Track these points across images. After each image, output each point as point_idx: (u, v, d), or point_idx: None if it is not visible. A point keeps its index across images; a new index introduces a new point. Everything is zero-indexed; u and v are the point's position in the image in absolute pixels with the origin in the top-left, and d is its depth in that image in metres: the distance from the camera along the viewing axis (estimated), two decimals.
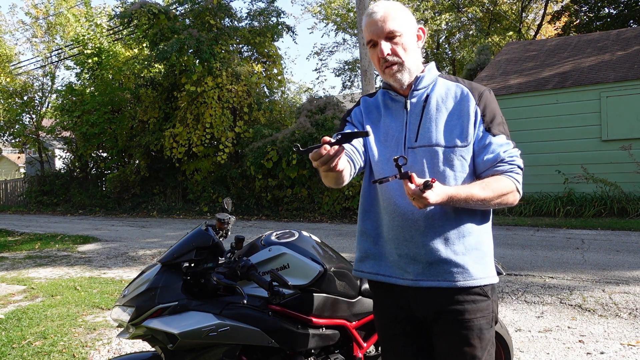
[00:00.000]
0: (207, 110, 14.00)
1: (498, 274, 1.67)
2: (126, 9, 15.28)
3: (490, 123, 1.57)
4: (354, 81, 24.87)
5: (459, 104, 1.59)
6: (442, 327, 1.56)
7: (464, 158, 1.56)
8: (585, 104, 9.95)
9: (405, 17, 1.59)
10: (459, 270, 1.53)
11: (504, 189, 1.51)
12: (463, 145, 1.55)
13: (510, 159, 1.54)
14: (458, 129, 1.56)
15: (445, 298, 1.54)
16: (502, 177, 1.53)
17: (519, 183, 1.55)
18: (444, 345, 1.57)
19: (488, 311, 1.55)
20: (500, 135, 1.56)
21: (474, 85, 1.64)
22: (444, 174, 1.55)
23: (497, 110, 1.61)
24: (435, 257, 1.53)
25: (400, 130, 1.62)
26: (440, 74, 1.68)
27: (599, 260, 5.74)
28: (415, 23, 1.64)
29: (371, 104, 1.74)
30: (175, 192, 15.93)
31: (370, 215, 1.68)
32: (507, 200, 1.53)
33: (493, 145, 1.54)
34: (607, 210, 9.19)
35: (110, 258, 7.57)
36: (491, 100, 1.61)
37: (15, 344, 3.79)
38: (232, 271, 1.83)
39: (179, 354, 1.82)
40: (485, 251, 1.59)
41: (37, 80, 21.69)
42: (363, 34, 1.62)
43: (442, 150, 1.55)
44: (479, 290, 1.55)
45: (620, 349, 3.28)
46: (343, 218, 11.36)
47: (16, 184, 23.65)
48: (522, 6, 21.03)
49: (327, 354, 2.06)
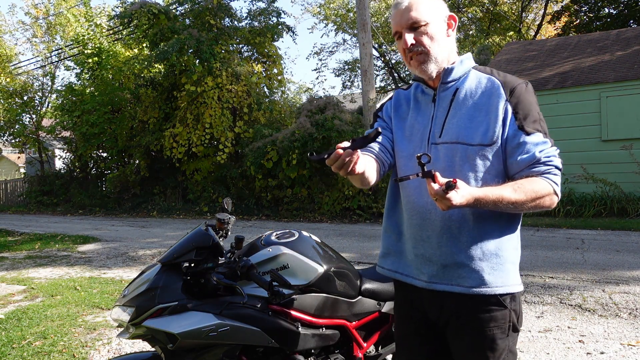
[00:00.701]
0: (207, 110, 14.00)
1: None
2: (126, 9, 15.28)
3: (524, 120, 1.45)
4: (354, 81, 24.88)
5: (488, 99, 1.48)
6: (453, 332, 1.53)
7: (488, 158, 1.46)
8: (585, 104, 9.95)
9: (431, 5, 1.50)
10: (474, 276, 1.46)
11: (539, 192, 1.40)
12: (487, 144, 1.46)
13: (547, 159, 1.43)
14: (484, 127, 1.47)
15: (457, 303, 1.49)
16: (537, 178, 1.42)
17: (557, 185, 1.43)
18: (456, 350, 1.54)
19: (504, 321, 1.47)
20: (536, 134, 1.44)
21: (509, 78, 1.51)
22: (464, 173, 1.47)
23: (533, 106, 1.47)
24: (449, 260, 1.49)
25: (426, 125, 1.56)
26: (475, 66, 1.58)
27: (599, 260, 5.74)
28: (445, 10, 1.54)
29: (403, 97, 1.69)
30: (175, 192, 15.93)
31: (394, 212, 1.66)
32: (543, 204, 1.42)
33: (527, 145, 1.43)
34: (607, 210, 9.19)
35: (110, 258, 7.57)
36: (526, 95, 1.47)
37: (15, 344, 3.79)
38: (232, 271, 1.83)
39: (179, 354, 1.82)
40: (507, 258, 1.49)
41: (37, 80, 21.72)
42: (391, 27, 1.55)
43: (464, 148, 1.47)
44: (493, 299, 1.47)
45: (620, 349, 3.28)
46: (343, 218, 11.36)
47: (16, 184, 23.64)
48: (522, 6, 21.03)
49: (327, 354, 2.06)
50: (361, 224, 10.47)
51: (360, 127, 11.74)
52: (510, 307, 1.48)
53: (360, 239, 8.33)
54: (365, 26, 11.93)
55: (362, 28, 11.99)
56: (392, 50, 22.26)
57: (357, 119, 12.13)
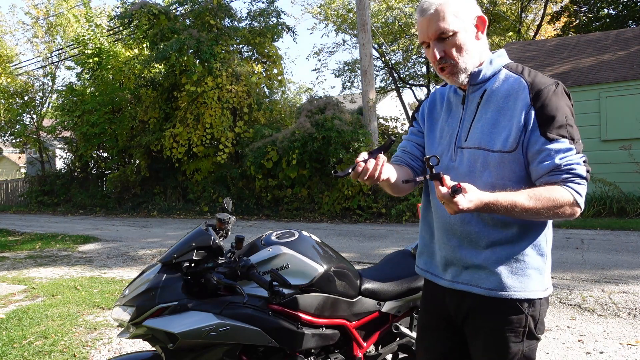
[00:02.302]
0: (207, 110, 14.01)
1: None
2: (126, 9, 15.29)
3: (547, 126, 1.37)
4: (353, 81, 24.86)
5: (514, 102, 1.42)
6: (471, 331, 1.55)
7: (509, 165, 1.42)
8: (585, 104, 9.96)
9: (456, 11, 1.41)
10: (492, 279, 1.46)
11: (557, 200, 1.34)
12: (507, 151, 1.41)
13: (568, 167, 1.36)
14: (506, 132, 1.42)
15: (475, 304, 1.51)
16: (556, 186, 1.36)
17: (579, 194, 1.36)
18: (473, 350, 1.57)
19: (519, 325, 1.45)
20: (560, 140, 1.36)
21: (538, 79, 1.43)
22: (485, 180, 1.44)
23: (560, 110, 1.38)
24: (469, 263, 1.50)
25: (454, 128, 1.54)
26: (507, 64, 1.51)
27: (598, 260, 5.75)
28: (474, 11, 1.45)
29: (438, 97, 1.67)
30: (176, 192, 15.94)
31: (427, 213, 1.69)
32: (563, 213, 1.36)
33: (549, 152, 1.37)
34: (606, 210, 9.20)
35: (110, 258, 7.58)
36: (552, 98, 1.39)
37: (16, 344, 3.80)
38: (232, 271, 1.84)
39: (179, 354, 1.83)
40: (529, 263, 1.46)
41: (38, 81, 21.71)
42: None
43: (485, 154, 1.44)
44: (510, 303, 1.45)
45: (620, 348, 3.28)
46: (343, 218, 11.36)
47: (17, 184, 23.65)
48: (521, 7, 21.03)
49: (327, 353, 2.07)
50: (361, 224, 10.47)
51: (360, 127, 11.74)
52: (528, 312, 1.46)
53: (360, 239, 8.34)
54: (365, 26, 11.94)
55: (362, 28, 12.00)
56: (392, 50, 22.27)
57: (357, 119, 12.13)
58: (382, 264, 2.39)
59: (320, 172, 11.95)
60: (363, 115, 12.42)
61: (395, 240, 7.74)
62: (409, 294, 2.19)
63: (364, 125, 11.94)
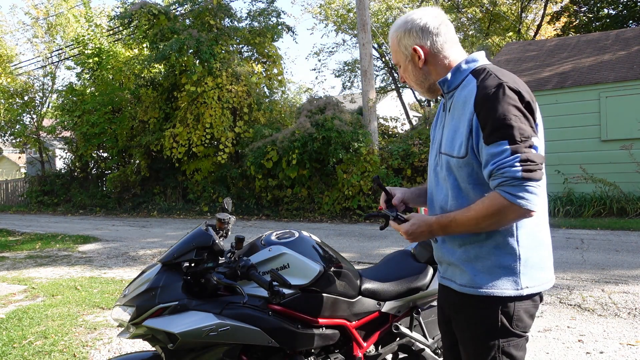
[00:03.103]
0: (207, 110, 14.00)
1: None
2: (126, 9, 15.29)
3: (486, 131, 1.39)
4: (353, 81, 24.87)
5: (467, 108, 1.46)
6: (455, 325, 1.64)
7: (464, 169, 1.48)
8: (585, 104, 9.96)
9: (397, 48, 1.61)
10: (464, 275, 1.55)
11: (489, 208, 1.37)
12: (461, 157, 1.47)
13: (500, 171, 1.35)
14: (460, 139, 1.48)
15: (455, 299, 1.60)
16: (491, 193, 1.39)
17: (517, 196, 1.34)
18: (459, 343, 1.65)
19: (489, 320, 1.49)
20: (495, 144, 1.37)
21: (484, 83, 1.44)
22: (450, 182, 1.53)
23: (499, 112, 1.37)
24: (449, 260, 1.60)
25: (439, 134, 1.64)
26: (475, 68, 1.53)
27: (598, 260, 5.75)
28: (408, 47, 1.58)
29: (441, 107, 1.73)
30: (176, 192, 15.94)
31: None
32: (506, 217, 1.38)
33: (487, 158, 1.39)
34: (606, 210, 9.20)
35: (110, 258, 7.58)
36: (494, 100, 1.39)
37: (16, 344, 3.80)
38: (232, 271, 1.84)
39: (179, 354, 1.83)
40: (495, 262, 1.49)
41: (38, 81, 21.70)
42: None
43: (448, 159, 1.53)
44: (480, 299, 1.50)
45: (620, 348, 3.29)
46: (343, 218, 11.36)
47: (17, 184, 23.65)
48: (521, 7, 21.03)
49: (327, 353, 2.07)
50: (361, 224, 10.48)
51: (360, 127, 11.74)
52: (500, 309, 1.49)
53: (360, 239, 8.34)
54: (365, 26, 11.94)
55: (362, 28, 12.00)
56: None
57: (357, 119, 12.13)
58: (382, 264, 2.39)
59: (320, 172, 11.95)
60: (363, 115, 12.42)
61: (395, 240, 7.74)
62: (409, 294, 2.19)
63: (364, 125, 11.94)
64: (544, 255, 1.54)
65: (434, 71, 1.58)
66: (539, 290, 1.52)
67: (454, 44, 1.58)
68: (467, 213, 1.43)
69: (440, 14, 1.59)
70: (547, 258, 1.56)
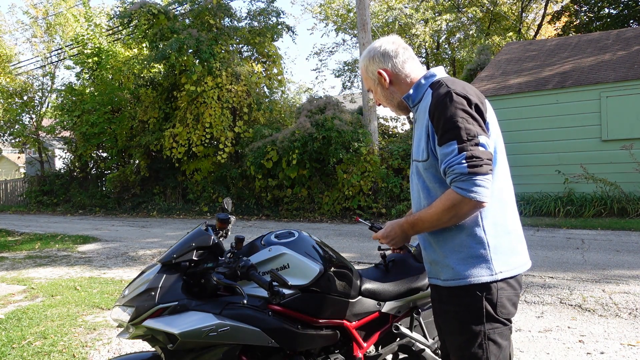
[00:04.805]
0: (207, 110, 14.00)
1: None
2: (126, 9, 15.27)
3: (438, 132, 1.56)
4: (353, 81, 24.86)
5: (426, 117, 1.63)
6: (442, 319, 1.74)
7: (429, 171, 1.64)
8: (585, 104, 9.95)
9: (367, 74, 1.80)
10: (446, 270, 1.66)
11: (446, 203, 1.53)
12: (423, 160, 1.65)
13: (450, 169, 1.51)
14: (422, 144, 1.65)
15: (440, 294, 1.71)
16: (447, 190, 1.55)
17: (466, 190, 1.48)
18: (445, 336, 1.74)
19: (474, 307, 1.61)
20: (446, 144, 1.52)
21: (438, 91, 1.61)
22: (420, 184, 1.71)
23: (447, 115, 1.53)
24: (431, 258, 1.73)
25: (412, 145, 1.81)
26: (432, 82, 1.69)
27: (599, 260, 5.74)
28: (374, 72, 1.78)
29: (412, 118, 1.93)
30: (175, 192, 15.93)
31: None
32: (462, 210, 1.51)
33: (441, 158, 1.55)
34: (607, 210, 9.19)
35: (110, 258, 7.57)
36: (442, 106, 1.55)
37: (16, 344, 3.79)
38: (232, 271, 1.83)
39: (179, 354, 1.82)
40: (469, 253, 1.61)
41: (37, 80, 21.70)
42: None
43: (416, 165, 1.72)
44: (464, 289, 1.62)
45: (620, 348, 3.28)
46: (343, 218, 11.36)
47: (16, 184, 23.64)
48: (522, 6, 21.03)
49: (327, 354, 2.06)
50: (361, 224, 10.46)
51: (360, 127, 11.73)
52: (484, 295, 1.60)
53: (360, 239, 8.33)
54: (365, 26, 11.93)
55: (362, 28, 11.99)
56: None
57: (357, 119, 12.12)
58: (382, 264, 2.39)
59: (320, 172, 11.94)
60: (363, 115, 12.41)
61: None
62: (409, 294, 2.19)
63: (364, 125, 11.93)
64: (513, 240, 1.66)
65: (399, 90, 1.78)
66: (514, 273, 1.64)
67: (413, 63, 1.77)
68: (429, 210, 1.60)
69: (397, 39, 1.80)
70: (518, 243, 1.69)
